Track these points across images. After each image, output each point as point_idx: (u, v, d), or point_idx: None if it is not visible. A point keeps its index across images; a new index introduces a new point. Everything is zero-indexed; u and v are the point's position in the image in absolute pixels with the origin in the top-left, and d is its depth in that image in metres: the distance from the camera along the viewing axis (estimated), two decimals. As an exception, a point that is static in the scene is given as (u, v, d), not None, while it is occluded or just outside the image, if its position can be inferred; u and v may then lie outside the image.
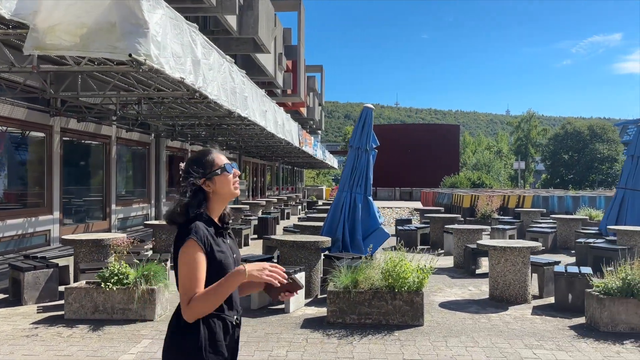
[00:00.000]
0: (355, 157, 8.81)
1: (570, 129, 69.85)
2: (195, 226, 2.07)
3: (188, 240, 2.04)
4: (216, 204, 2.19)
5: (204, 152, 2.24)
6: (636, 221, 11.16)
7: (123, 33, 6.98)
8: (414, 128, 60.16)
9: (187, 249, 2.03)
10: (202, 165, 2.17)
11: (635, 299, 5.77)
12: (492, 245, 7.34)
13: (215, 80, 10.71)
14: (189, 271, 2.01)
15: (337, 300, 6.04)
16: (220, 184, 2.16)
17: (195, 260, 2.03)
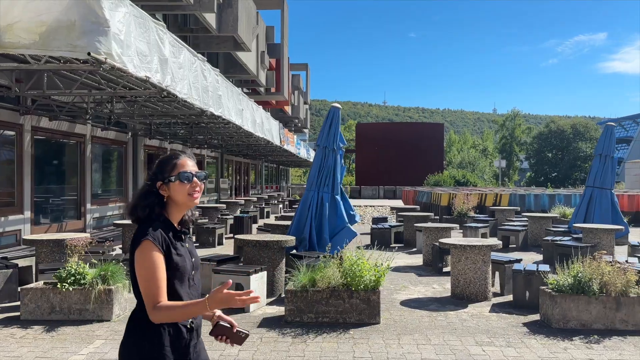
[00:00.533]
0: (323, 156, 8.84)
1: (554, 127, 70.50)
2: (151, 228, 2.08)
3: (143, 241, 2.05)
4: (174, 209, 2.19)
5: (170, 156, 2.24)
6: (603, 219, 11.34)
7: (83, 31, 6.95)
8: (398, 127, 60.36)
9: (143, 250, 2.04)
10: (162, 169, 2.18)
11: (585, 295, 5.86)
12: (453, 243, 7.42)
13: (186, 79, 10.68)
14: (149, 273, 2.02)
15: (295, 299, 6.07)
16: (174, 191, 2.15)
17: (153, 261, 2.03)
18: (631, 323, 5.82)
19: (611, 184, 11.59)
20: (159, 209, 2.15)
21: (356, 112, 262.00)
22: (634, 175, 38.91)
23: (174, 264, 2.09)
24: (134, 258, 2.07)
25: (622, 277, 5.83)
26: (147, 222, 2.12)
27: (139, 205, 2.16)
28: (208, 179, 3.39)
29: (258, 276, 6.75)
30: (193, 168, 2.21)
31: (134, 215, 2.17)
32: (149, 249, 2.04)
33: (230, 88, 14.90)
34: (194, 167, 2.22)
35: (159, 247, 2.05)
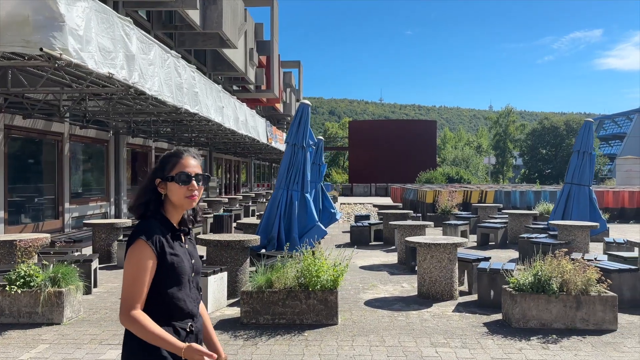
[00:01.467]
0: (292, 154, 8.70)
1: (547, 124, 70.37)
2: (148, 225, 2.03)
3: (137, 240, 1.99)
4: (171, 208, 2.11)
5: (172, 153, 2.17)
6: (581, 215, 11.23)
7: (36, 26, 6.80)
8: (392, 124, 60.25)
9: (135, 249, 1.99)
10: (163, 166, 2.12)
11: (545, 294, 5.74)
12: (418, 241, 7.28)
13: (157, 76, 10.52)
14: (134, 273, 1.97)
15: (251, 301, 5.93)
16: (170, 191, 2.09)
17: (141, 264, 1.97)
18: (592, 322, 5.70)
19: (589, 181, 11.48)
20: (154, 207, 2.09)
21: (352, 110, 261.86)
22: (625, 172, 38.88)
23: (169, 263, 2.02)
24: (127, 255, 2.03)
25: (582, 275, 5.70)
26: (145, 220, 2.06)
27: (138, 202, 2.11)
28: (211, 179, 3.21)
29: (217, 277, 6.61)
30: (195, 169, 2.12)
31: (134, 212, 2.12)
32: (140, 250, 1.98)
33: (209, 85, 14.74)
34: (196, 167, 2.14)
35: (152, 248, 1.99)
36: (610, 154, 76.47)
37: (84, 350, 5.06)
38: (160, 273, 2.01)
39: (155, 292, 2.01)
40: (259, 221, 10.24)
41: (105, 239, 10.02)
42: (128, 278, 1.98)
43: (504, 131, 76.28)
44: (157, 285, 2.00)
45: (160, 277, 2.01)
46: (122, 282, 2.00)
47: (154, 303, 2.02)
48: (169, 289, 2.03)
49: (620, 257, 7.74)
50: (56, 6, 6.84)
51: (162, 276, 2.01)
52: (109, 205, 17.74)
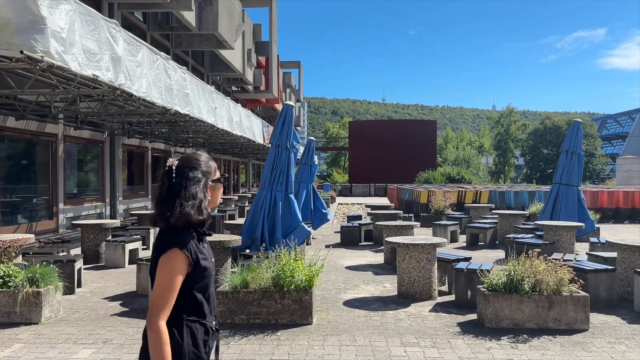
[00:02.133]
0: (276, 154, 8.75)
1: (549, 124, 70.25)
2: (183, 235, 2.05)
3: (173, 249, 2.01)
4: None
5: (207, 157, 2.22)
6: (569, 216, 11.26)
7: (18, 29, 6.87)
8: (392, 124, 60.24)
9: (170, 257, 2.01)
10: (209, 170, 2.17)
11: (518, 294, 5.78)
12: (397, 242, 7.33)
13: (145, 77, 10.59)
14: (168, 281, 2.00)
15: (226, 301, 5.99)
16: (217, 192, 2.20)
17: (176, 271, 2.00)
18: (564, 322, 5.73)
19: (578, 181, 11.50)
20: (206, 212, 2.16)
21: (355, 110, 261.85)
22: (625, 171, 38.80)
23: (202, 267, 2.08)
24: (157, 260, 2.04)
25: (554, 275, 5.74)
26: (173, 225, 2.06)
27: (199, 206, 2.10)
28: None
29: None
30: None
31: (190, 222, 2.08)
32: (175, 258, 2.01)
33: (201, 86, 14.81)
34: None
35: (190, 258, 2.03)
36: (612, 154, 76.26)
37: (57, 350, 5.12)
38: (193, 276, 2.07)
39: (187, 293, 2.07)
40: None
41: (94, 240, 10.09)
42: (161, 285, 2.00)
43: (505, 131, 76.19)
44: (190, 286, 2.07)
45: (193, 279, 2.07)
46: (154, 287, 2.02)
47: (186, 303, 2.08)
48: (200, 290, 2.10)
49: (601, 257, 7.77)
50: (38, 9, 6.92)
51: (195, 278, 2.07)
52: (105, 205, 17.81)
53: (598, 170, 67.47)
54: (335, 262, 10.40)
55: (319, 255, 6.34)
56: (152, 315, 1.99)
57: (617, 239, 7.66)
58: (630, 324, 6.01)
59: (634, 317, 6.28)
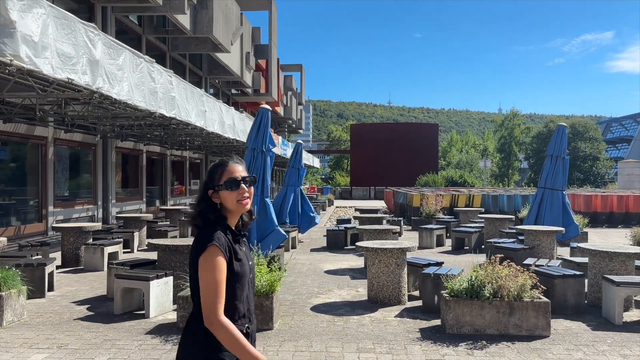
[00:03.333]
0: (252, 158, 8.73)
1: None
2: (216, 234, 2.10)
3: (210, 246, 2.06)
4: (229, 214, 2.21)
5: (218, 163, 2.25)
6: (554, 220, 11.16)
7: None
8: (393, 127, 60.11)
9: (209, 255, 2.06)
10: (212, 177, 2.21)
11: (479, 300, 5.72)
12: (366, 246, 7.28)
13: (127, 80, 10.61)
14: (214, 278, 2.03)
15: (186, 305, 5.96)
16: (224, 199, 2.19)
17: (219, 268, 2.05)
18: (525, 328, 5.67)
19: (562, 185, 11.40)
20: (214, 215, 2.18)
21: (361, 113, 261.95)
22: (627, 175, 38.53)
23: (235, 270, 2.12)
24: (196, 262, 2.09)
25: (515, 281, 5.68)
26: (211, 226, 2.14)
27: (194, 213, 2.21)
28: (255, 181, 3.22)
29: (161, 281, 6.65)
30: (242, 173, 2.23)
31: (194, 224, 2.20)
32: (215, 254, 2.06)
33: (189, 89, 14.83)
34: (243, 172, 2.24)
35: (224, 252, 2.08)
36: (617, 157, 75.84)
37: (11, 354, 5.12)
38: (227, 277, 2.09)
39: None
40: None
41: (74, 243, 10.11)
42: (209, 284, 2.03)
43: (509, 134, 75.94)
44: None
45: (226, 281, 2.09)
46: (202, 290, 2.04)
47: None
48: (232, 292, 2.11)
49: (574, 262, 7.70)
50: (7, 13, 6.94)
51: (228, 280, 2.09)
52: (97, 208, 17.85)
53: (602, 173, 67.06)
54: (316, 266, 10.36)
55: (297, 260, 6.31)
56: (209, 316, 2.02)
57: (589, 245, 7.57)
58: (594, 330, 5.94)
59: (599, 324, 6.20)
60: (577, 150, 66.13)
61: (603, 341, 5.53)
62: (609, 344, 5.43)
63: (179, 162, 26.38)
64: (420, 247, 12.96)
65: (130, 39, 21.09)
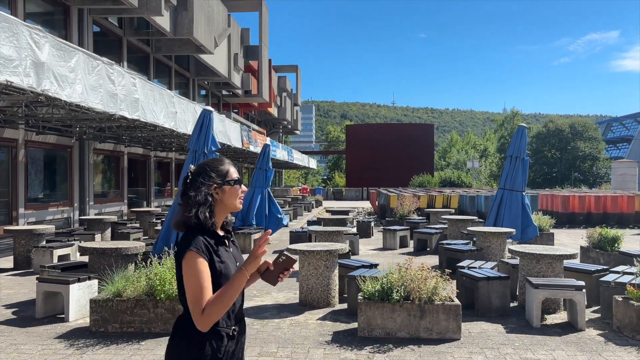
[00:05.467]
0: (193, 160, 8.69)
1: (552, 127, 69.58)
2: (193, 237, 2.10)
3: (188, 252, 2.06)
4: (219, 213, 2.21)
5: (220, 161, 2.27)
6: (513, 221, 11.04)
7: None
8: (388, 128, 59.97)
9: (189, 260, 2.05)
10: (218, 174, 2.21)
11: (390, 303, 5.66)
12: (295, 248, 7.22)
13: (81, 83, 10.59)
14: (196, 281, 2.03)
15: (100, 309, 5.93)
16: (228, 195, 2.20)
17: (199, 270, 2.04)
18: (435, 331, 5.60)
19: (522, 186, 11.28)
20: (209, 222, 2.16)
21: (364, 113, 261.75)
22: (620, 175, 38.25)
23: (217, 271, 2.10)
24: (179, 265, 2.11)
25: (424, 284, 5.61)
26: (189, 232, 2.14)
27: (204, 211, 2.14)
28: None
29: (84, 285, 6.62)
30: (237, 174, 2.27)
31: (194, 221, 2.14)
32: (194, 258, 2.05)
33: (157, 91, 14.81)
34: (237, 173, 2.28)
35: (203, 255, 2.07)
36: (618, 157, 75.36)
37: None
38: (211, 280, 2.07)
39: None
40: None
41: (25, 245, 10.10)
42: (192, 288, 2.03)
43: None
44: None
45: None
46: (187, 296, 2.05)
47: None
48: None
49: (509, 264, 7.61)
50: None
51: (212, 283, 2.07)
52: (73, 210, 17.86)
53: (602, 174, 66.63)
54: (269, 268, 10.32)
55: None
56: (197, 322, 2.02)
57: (518, 246, 7.47)
58: (509, 333, 5.86)
59: (519, 327, 6.12)
60: (576, 150, 65.77)
61: (511, 344, 5.46)
62: (516, 347, 5.35)
63: (165, 164, 26.40)
64: (385, 248, 12.90)
65: (111, 41, 21.14)
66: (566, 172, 65.76)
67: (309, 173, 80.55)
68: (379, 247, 13.14)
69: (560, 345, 5.42)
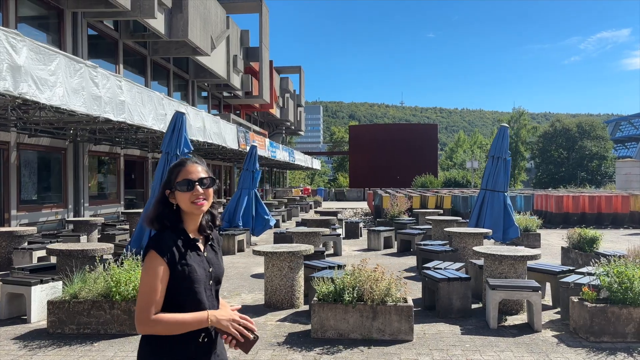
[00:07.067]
0: (166, 162, 8.73)
1: (559, 126, 69.11)
2: (160, 238, 2.07)
3: (150, 252, 2.04)
4: (186, 217, 2.14)
5: (177, 163, 2.21)
6: (494, 222, 10.99)
7: None
8: (392, 128, 59.86)
9: (148, 260, 2.03)
10: (169, 177, 2.16)
11: (342, 304, 5.65)
12: (263, 250, 7.23)
13: (62, 86, 10.66)
14: (148, 282, 2.00)
15: (56, 311, 5.97)
16: (179, 200, 2.11)
17: (154, 272, 2.00)
18: (388, 333, 5.59)
19: (504, 187, 11.22)
20: (172, 218, 2.11)
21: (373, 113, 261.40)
22: (624, 175, 37.91)
23: (180, 273, 2.03)
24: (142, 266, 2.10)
25: (376, 285, 5.60)
26: (159, 232, 2.11)
27: (152, 215, 2.14)
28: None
29: (47, 286, 6.67)
30: (199, 174, 2.14)
31: (152, 226, 2.14)
32: (151, 260, 2.02)
33: (146, 93, 14.87)
34: (202, 172, 2.16)
35: (162, 258, 2.02)
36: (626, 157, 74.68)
37: None
38: (172, 283, 2.03)
39: (168, 303, 2.04)
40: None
41: (6, 247, 10.19)
42: (142, 288, 2.01)
43: (515, 134, 75.21)
44: (170, 295, 2.04)
45: (172, 287, 2.03)
46: (137, 295, 2.04)
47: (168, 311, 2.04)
48: (177, 298, 2.05)
49: (476, 265, 7.57)
50: None
51: (174, 286, 2.03)
52: (67, 212, 17.99)
53: (610, 173, 66.06)
54: (248, 269, 10.37)
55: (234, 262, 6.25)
56: (139, 323, 1.99)
57: (482, 248, 7.43)
58: (464, 334, 5.83)
59: (477, 328, 6.09)
60: (584, 149, 65.25)
61: (462, 345, 5.43)
62: (465, 349, 5.33)
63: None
64: (369, 249, 12.88)
65: (107, 44, 21.28)
66: (573, 172, 65.29)
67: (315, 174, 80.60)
68: (364, 248, 13.12)
69: (511, 346, 5.39)
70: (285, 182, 58.04)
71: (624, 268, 5.55)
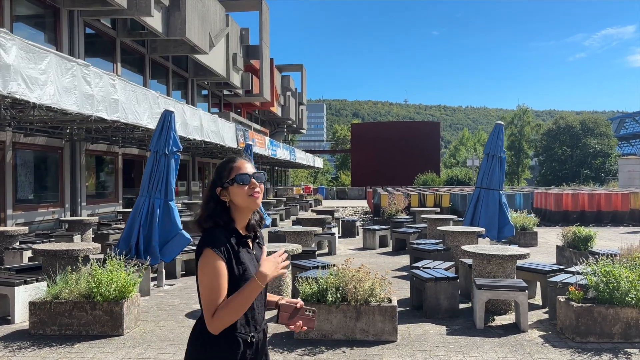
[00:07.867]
0: (154, 161, 8.66)
1: (562, 123, 68.76)
2: (213, 235, 2.05)
3: (205, 250, 2.02)
4: (237, 214, 2.13)
5: (226, 161, 2.22)
6: (489, 220, 10.89)
7: None
8: (394, 126, 59.71)
9: (205, 259, 2.01)
10: (220, 175, 2.16)
11: (326, 304, 5.57)
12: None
13: (53, 85, 10.61)
14: (210, 282, 1.98)
15: (38, 312, 5.91)
16: (234, 195, 2.11)
17: (215, 269, 1.98)
18: (372, 333, 5.51)
19: (499, 185, 11.11)
20: (225, 216, 2.11)
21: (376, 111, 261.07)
22: (627, 172, 37.68)
23: (235, 272, 2.03)
24: (197, 266, 2.06)
25: (360, 285, 5.52)
26: (210, 230, 2.09)
27: (205, 214, 2.13)
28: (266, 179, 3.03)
29: (31, 287, 6.62)
30: (251, 170, 2.16)
31: (201, 226, 2.14)
32: (210, 257, 2.00)
33: (141, 92, 14.81)
34: (251, 168, 2.17)
35: (221, 255, 2.00)
36: (630, 154, 74.29)
37: None
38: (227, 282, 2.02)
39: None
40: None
41: (-22, 248, 10.14)
42: (205, 288, 1.98)
43: (519, 131, 74.92)
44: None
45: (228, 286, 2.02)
46: (201, 295, 2.01)
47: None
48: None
49: (467, 264, 7.48)
50: None
51: (229, 285, 2.01)
52: (64, 211, 17.97)
53: (614, 170, 65.74)
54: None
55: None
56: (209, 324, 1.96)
57: (471, 247, 7.33)
58: (450, 335, 5.74)
59: (463, 328, 6.00)
60: (587, 146, 64.90)
61: (446, 346, 5.34)
62: (449, 349, 5.24)
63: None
64: (365, 248, 12.80)
65: (105, 43, 21.24)
66: (577, 169, 64.96)
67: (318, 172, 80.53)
68: (359, 247, 13.04)
69: (495, 347, 5.30)
70: (287, 181, 58.00)
71: (611, 267, 5.46)
